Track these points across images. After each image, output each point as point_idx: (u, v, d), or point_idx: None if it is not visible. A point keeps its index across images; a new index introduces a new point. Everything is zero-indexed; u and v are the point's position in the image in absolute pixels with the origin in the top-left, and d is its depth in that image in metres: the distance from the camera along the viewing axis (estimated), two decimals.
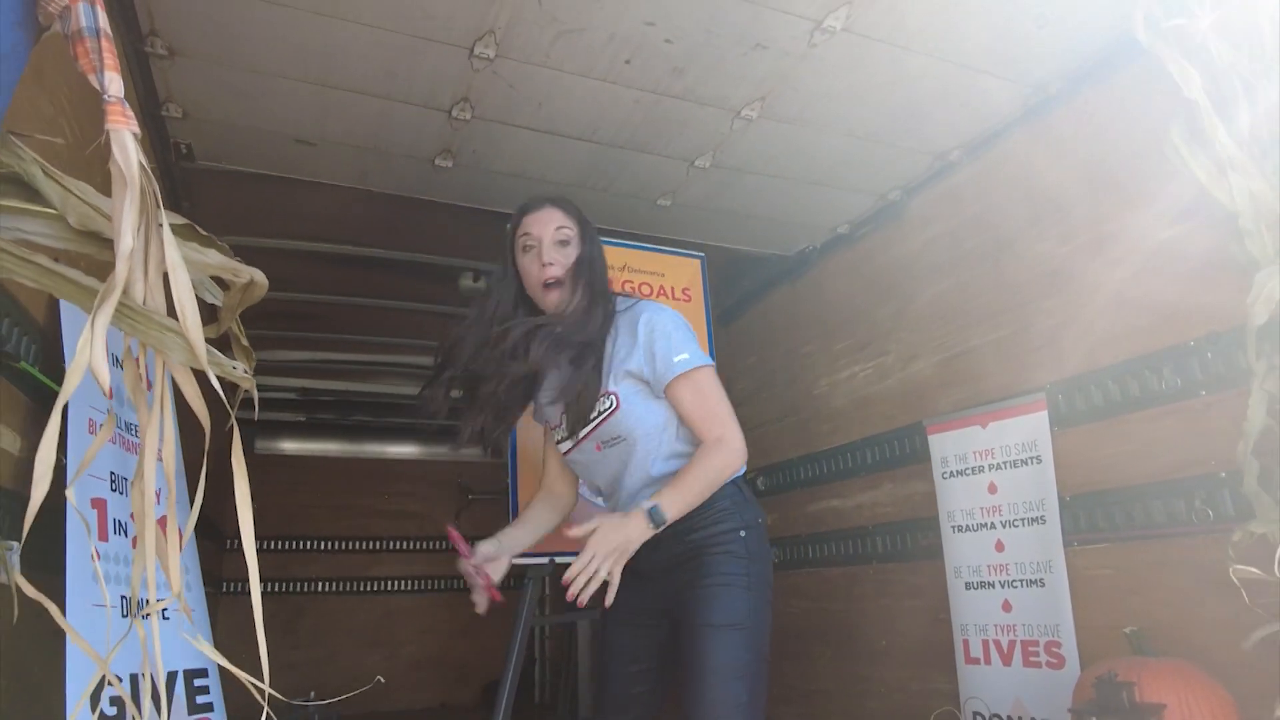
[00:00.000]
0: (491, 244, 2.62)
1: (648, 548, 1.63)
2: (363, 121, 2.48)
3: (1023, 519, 2.42)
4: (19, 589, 1.18)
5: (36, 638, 1.50)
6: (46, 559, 1.48)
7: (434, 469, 6.86)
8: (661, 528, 1.60)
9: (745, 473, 1.82)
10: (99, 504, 1.63)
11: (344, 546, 6.73)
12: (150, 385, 0.99)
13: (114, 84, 0.89)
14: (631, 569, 1.62)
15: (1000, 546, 2.48)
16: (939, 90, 2.42)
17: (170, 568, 0.98)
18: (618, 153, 2.69)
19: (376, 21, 2.06)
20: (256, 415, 1.21)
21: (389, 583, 6.73)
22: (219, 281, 1.34)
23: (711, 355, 2.70)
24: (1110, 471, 2.25)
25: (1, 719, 1.49)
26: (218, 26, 2.06)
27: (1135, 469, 2.19)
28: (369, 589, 6.68)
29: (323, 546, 6.65)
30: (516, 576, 2.02)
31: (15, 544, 1.40)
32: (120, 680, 1.53)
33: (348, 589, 6.61)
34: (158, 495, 1.81)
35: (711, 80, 2.34)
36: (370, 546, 6.78)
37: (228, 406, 1.11)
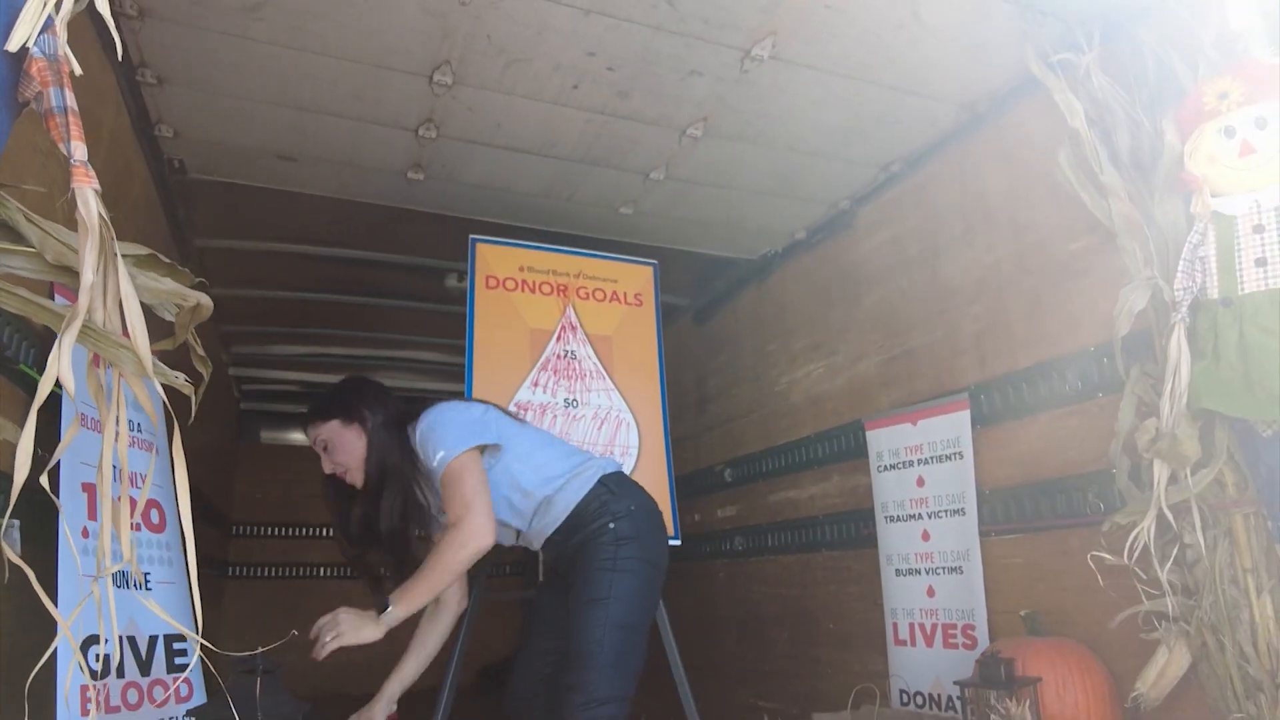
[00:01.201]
0: (466, 248, 2.85)
1: (550, 554, 2.01)
2: (337, 140, 2.69)
3: (946, 510, 2.61)
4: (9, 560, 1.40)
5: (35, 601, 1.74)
6: (44, 537, 1.71)
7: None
8: (392, 621, 1.85)
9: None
10: (89, 488, 1.86)
11: None
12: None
13: (79, 150, 1.10)
14: (550, 569, 1.97)
15: (926, 536, 2.66)
16: (870, 110, 2.59)
17: (122, 537, 1.19)
18: (576, 166, 2.89)
19: (342, 53, 2.26)
20: (241, 405, 1.41)
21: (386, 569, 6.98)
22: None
23: (660, 358, 2.91)
24: (1023, 467, 2.43)
25: (12, 670, 1.72)
26: (200, 58, 2.28)
27: (1044, 465, 2.37)
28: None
29: (325, 534, 6.90)
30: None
31: (16, 522, 1.63)
32: (106, 640, 1.76)
33: (347, 574, 6.85)
34: (139, 480, 2.04)
35: (654, 103, 2.53)
36: None
37: (179, 409, 1.33)
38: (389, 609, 1.84)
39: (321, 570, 6.82)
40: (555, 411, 2.67)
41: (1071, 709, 1.97)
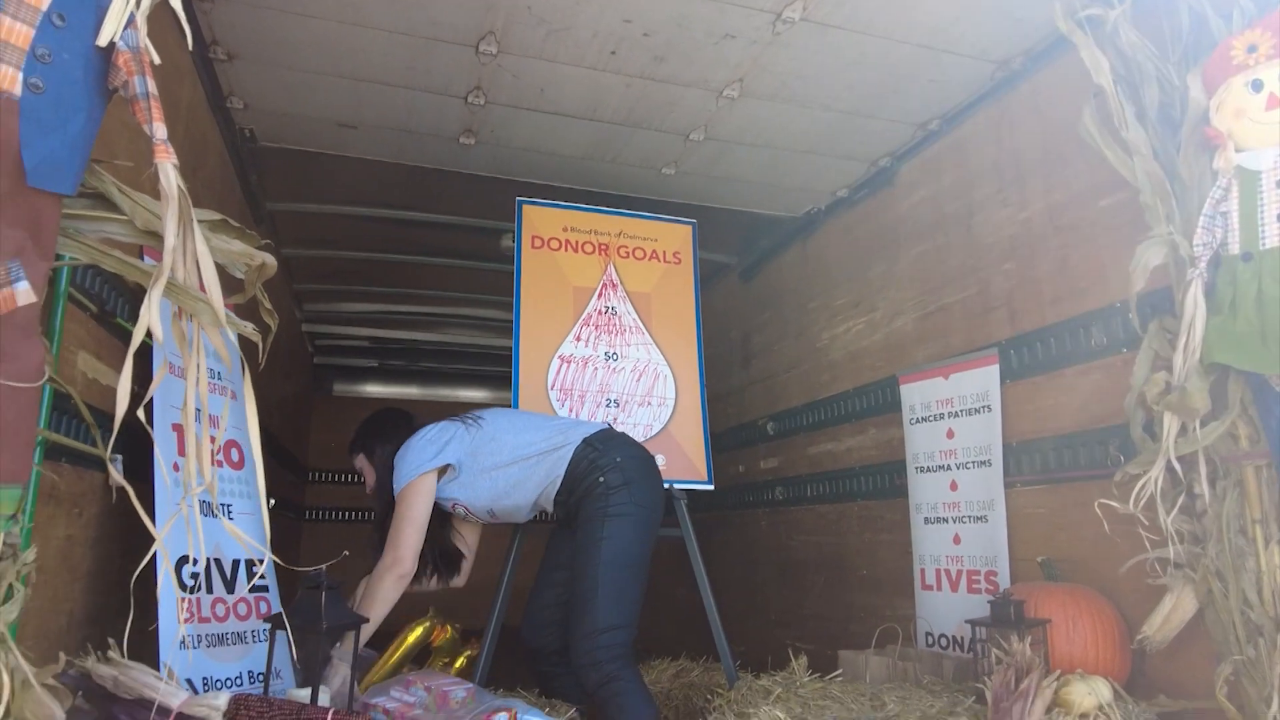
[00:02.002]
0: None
1: (560, 513, 2.30)
2: (393, 108, 2.85)
3: (973, 461, 2.68)
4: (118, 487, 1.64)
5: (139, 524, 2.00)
6: (142, 471, 1.96)
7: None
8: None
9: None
10: (177, 428, 2.10)
11: None
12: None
13: (160, 130, 1.27)
14: (561, 522, 2.33)
15: (954, 486, 2.74)
16: (904, 69, 2.62)
17: (204, 467, 1.39)
18: (618, 129, 3.00)
19: (393, 27, 2.41)
20: (316, 360, 1.60)
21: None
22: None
23: (697, 314, 3.03)
24: (1048, 420, 2.48)
25: (121, 585, 1.99)
26: (265, 35, 2.46)
27: (1067, 418, 2.41)
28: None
29: None
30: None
31: (119, 456, 1.87)
32: (195, 560, 2.01)
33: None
34: (218, 421, 2.28)
35: (691, 66, 2.60)
36: None
37: (258, 356, 1.52)
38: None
39: None
40: (596, 364, 2.83)
41: (1080, 649, 2.06)
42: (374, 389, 7.60)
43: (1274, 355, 1.76)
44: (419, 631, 2.61)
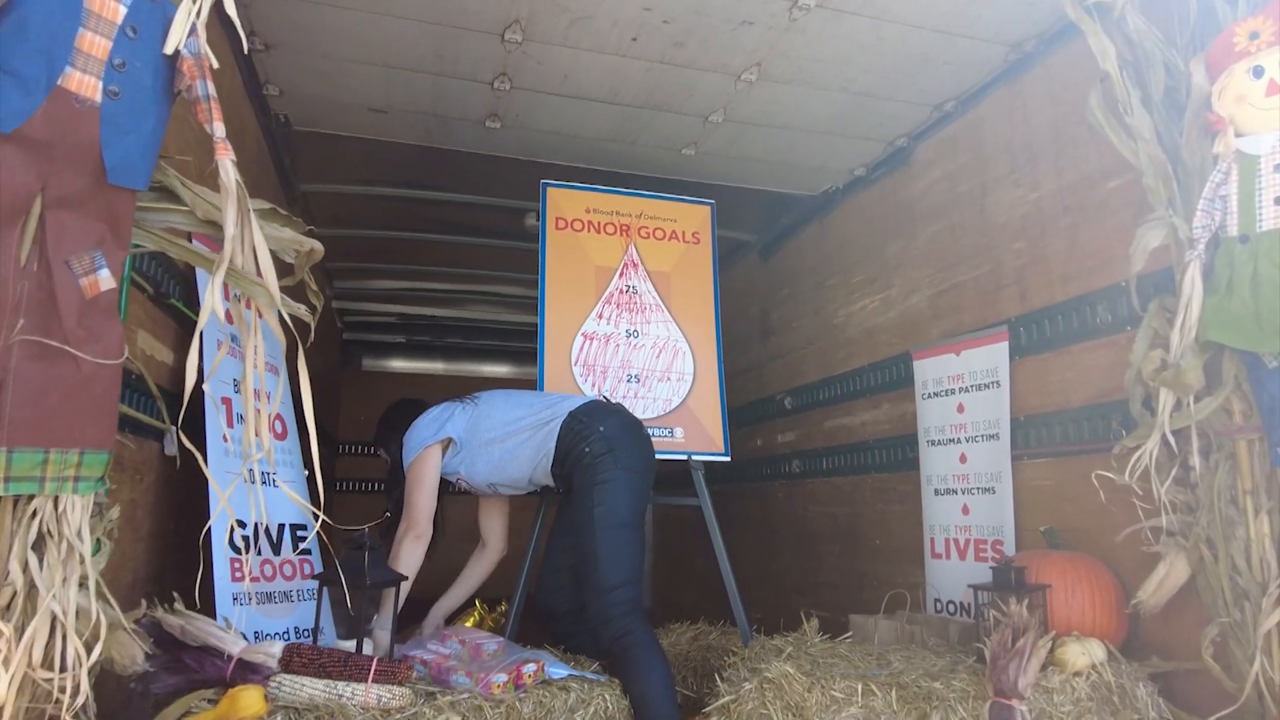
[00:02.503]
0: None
1: (560, 485, 2.45)
2: (421, 93, 2.96)
3: (982, 435, 2.77)
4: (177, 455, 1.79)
5: (189, 491, 2.16)
6: (193, 442, 2.11)
7: (524, 387, 7.57)
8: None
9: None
10: (226, 401, 2.25)
11: None
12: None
13: (219, 130, 1.40)
14: (563, 492, 2.48)
15: (964, 459, 2.84)
16: (919, 52, 2.68)
17: (263, 438, 1.52)
18: (639, 112, 3.08)
19: (422, 16, 2.51)
20: (345, 336, 1.73)
21: None
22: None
23: (715, 292, 3.13)
24: (1055, 395, 2.57)
25: (178, 548, 2.15)
26: (300, 25, 2.57)
27: (1074, 394, 2.50)
28: (463, 490, 7.51)
29: None
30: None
31: (174, 427, 2.02)
32: (243, 524, 2.17)
33: (444, 490, 7.45)
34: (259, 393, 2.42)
35: (709, 51, 2.68)
36: None
37: (296, 333, 1.65)
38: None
39: None
40: (618, 341, 2.94)
41: (1078, 614, 2.16)
42: (401, 364, 7.78)
43: (1267, 334, 1.84)
44: (469, 623, 2.78)
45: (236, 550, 2.16)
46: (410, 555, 2.35)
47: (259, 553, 2.24)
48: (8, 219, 1.22)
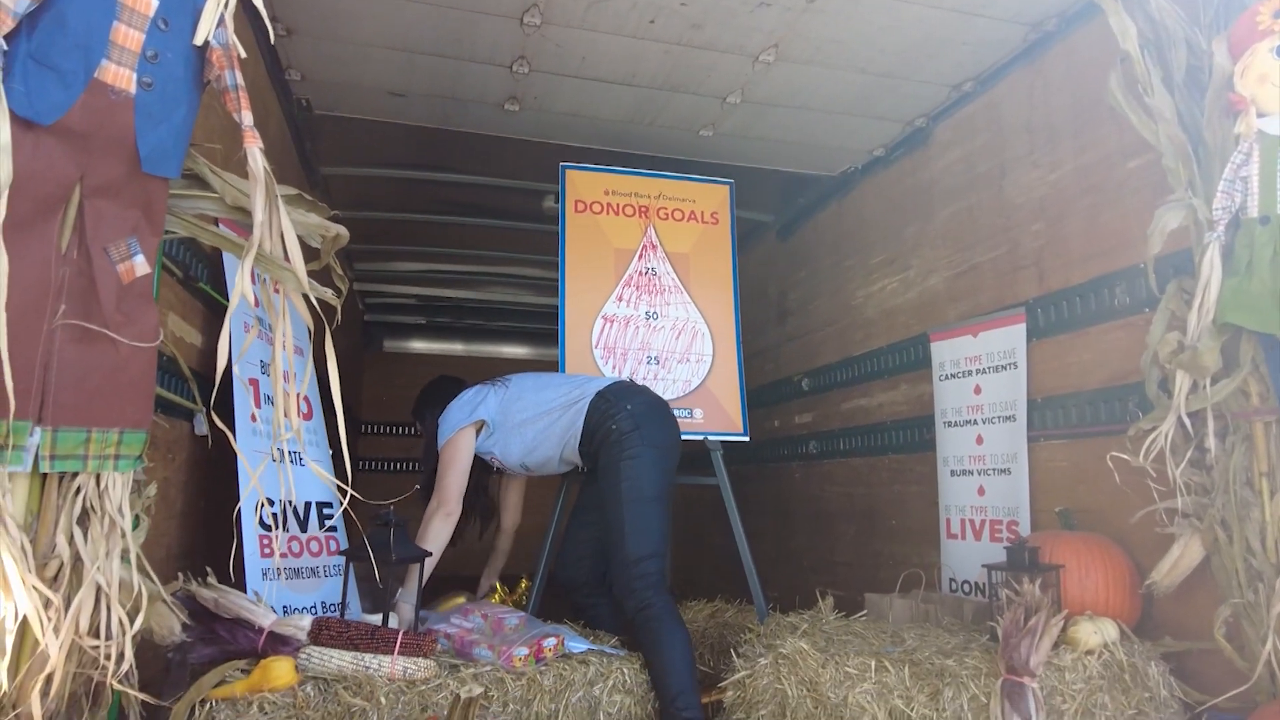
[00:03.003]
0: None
1: (587, 463, 2.51)
2: (441, 77, 2.98)
3: (999, 416, 2.78)
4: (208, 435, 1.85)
5: (219, 469, 2.22)
6: (223, 420, 2.16)
7: (543, 369, 7.65)
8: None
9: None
10: (253, 382, 2.31)
11: None
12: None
13: (248, 118, 1.43)
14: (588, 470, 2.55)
15: (980, 440, 2.85)
16: (937, 33, 2.66)
17: (293, 419, 1.57)
18: (657, 93, 3.09)
19: (441, 1, 2.53)
20: (366, 318, 1.77)
21: None
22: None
23: (734, 272, 3.15)
24: (1072, 377, 2.57)
25: (209, 525, 2.22)
26: (321, 10, 2.59)
27: (1091, 376, 2.50)
28: (499, 471, 7.60)
29: None
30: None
31: (205, 408, 2.08)
32: (271, 501, 2.23)
33: (489, 472, 7.55)
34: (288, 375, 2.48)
35: (727, 33, 2.68)
36: None
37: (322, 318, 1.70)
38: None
39: None
40: (637, 323, 2.97)
41: (1091, 593, 2.18)
42: (421, 345, 7.85)
43: None
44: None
45: (266, 527, 2.23)
46: (438, 533, 2.40)
47: (286, 529, 2.31)
48: (50, 208, 1.27)
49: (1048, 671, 1.92)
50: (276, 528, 2.28)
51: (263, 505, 2.22)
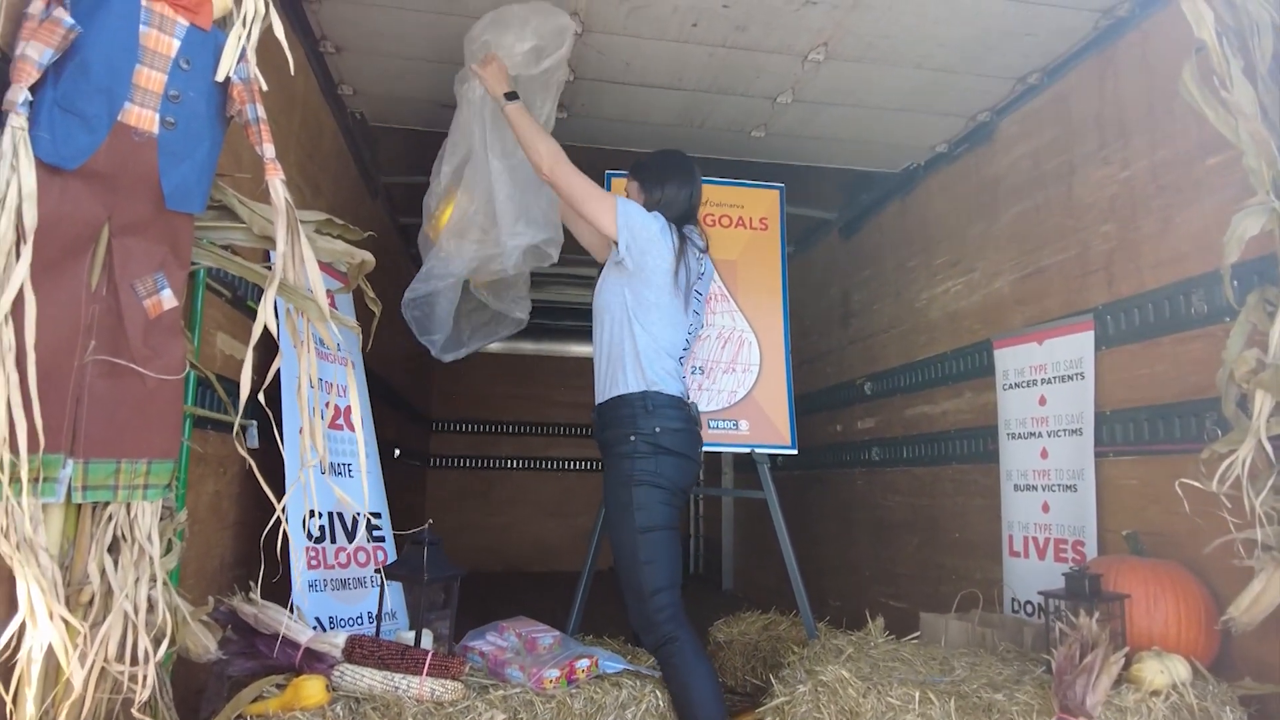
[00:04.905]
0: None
1: (596, 428, 2.34)
2: None
3: (1064, 429, 2.63)
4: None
5: (275, 481, 2.29)
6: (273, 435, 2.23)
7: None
8: (506, 108, 2.36)
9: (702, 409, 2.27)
10: None
11: (529, 430, 7.75)
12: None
13: (269, 151, 1.46)
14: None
15: (1045, 454, 2.70)
16: (998, 24, 2.52)
17: (317, 439, 1.59)
18: (704, 96, 3.03)
19: (483, 13, 2.52)
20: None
21: (567, 462, 7.72)
22: None
23: (784, 279, 3.07)
24: (1143, 390, 2.40)
25: (259, 535, 2.29)
26: (369, 28, 2.63)
27: (1164, 389, 2.33)
28: (549, 467, 7.71)
29: (513, 429, 7.72)
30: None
31: (254, 421, 2.15)
32: (320, 514, 2.29)
33: (531, 466, 7.68)
34: (341, 390, 2.54)
35: (772, 33, 2.60)
36: (551, 431, 7.76)
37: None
38: (513, 102, 2.34)
39: (509, 462, 7.67)
40: None
41: (1161, 627, 2.03)
42: (492, 345, 7.97)
43: None
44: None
45: (312, 539, 2.29)
46: (546, 142, 2.32)
47: (333, 540, 2.37)
48: (79, 249, 1.32)
49: (1107, 713, 1.80)
50: (324, 540, 2.34)
51: (311, 516, 2.28)
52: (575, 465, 7.69)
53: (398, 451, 5.01)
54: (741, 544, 6.44)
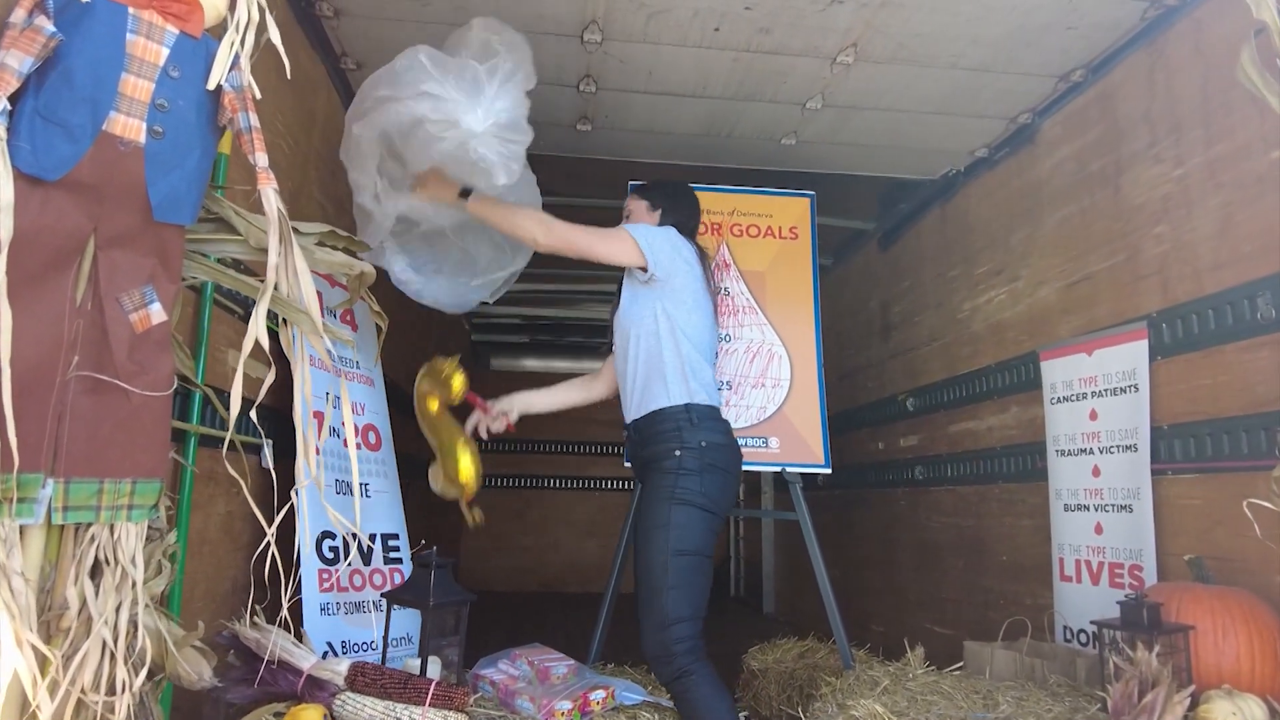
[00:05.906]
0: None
1: (631, 445, 2.25)
2: None
3: (1118, 445, 2.46)
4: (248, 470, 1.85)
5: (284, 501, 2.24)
6: (290, 453, 2.19)
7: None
8: (462, 205, 2.26)
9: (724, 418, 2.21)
10: (318, 415, 2.32)
11: (566, 449, 7.68)
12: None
13: (262, 160, 1.41)
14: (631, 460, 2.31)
15: (1097, 472, 2.53)
16: (1037, 19, 2.39)
17: (310, 459, 1.54)
18: (730, 104, 2.94)
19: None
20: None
21: (603, 481, 7.63)
22: None
23: (815, 289, 2.95)
24: (1204, 402, 2.23)
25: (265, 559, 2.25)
26: (386, 42, 2.58)
27: (1227, 401, 2.16)
28: (586, 486, 7.62)
29: (548, 448, 7.66)
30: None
31: (269, 440, 2.11)
32: (334, 536, 2.23)
33: (567, 485, 7.60)
34: (361, 408, 2.49)
35: (798, 35, 2.51)
36: (588, 450, 7.69)
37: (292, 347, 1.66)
38: (471, 195, 2.25)
39: (545, 481, 7.61)
40: None
41: (1231, 662, 1.86)
42: (529, 363, 7.96)
43: None
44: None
45: (325, 561, 2.23)
46: (524, 218, 2.24)
47: (348, 563, 2.31)
48: (62, 261, 1.28)
49: None
50: (339, 562, 2.28)
51: (325, 538, 2.23)
52: (613, 485, 7.60)
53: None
54: (783, 566, 6.26)
